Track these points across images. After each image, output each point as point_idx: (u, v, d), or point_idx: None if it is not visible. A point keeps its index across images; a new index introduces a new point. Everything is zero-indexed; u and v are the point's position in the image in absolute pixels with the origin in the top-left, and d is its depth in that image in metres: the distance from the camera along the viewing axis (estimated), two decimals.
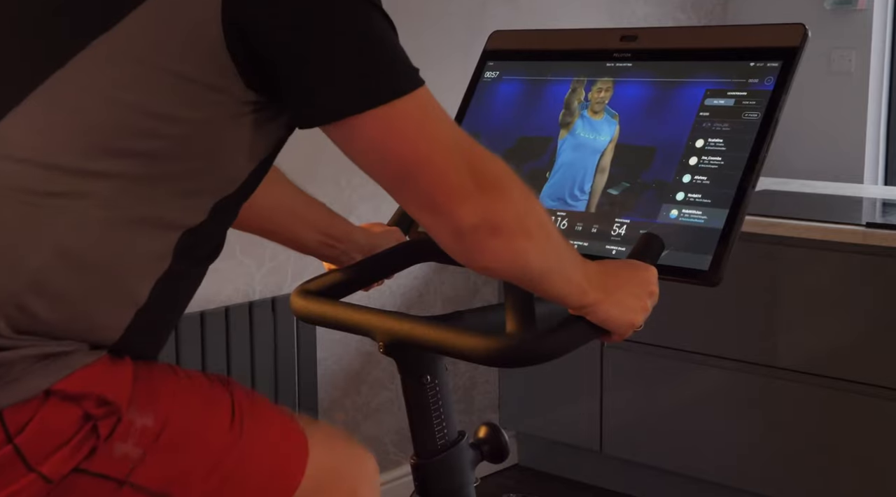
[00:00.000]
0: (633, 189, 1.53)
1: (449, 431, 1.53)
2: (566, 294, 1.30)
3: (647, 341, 3.09)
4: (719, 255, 1.41)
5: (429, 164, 1.15)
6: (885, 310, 2.75)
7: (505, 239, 1.18)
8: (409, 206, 1.21)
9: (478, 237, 1.17)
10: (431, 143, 1.16)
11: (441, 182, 1.16)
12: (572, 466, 3.44)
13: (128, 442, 1.12)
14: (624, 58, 1.62)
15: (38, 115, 1.14)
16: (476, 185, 1.17)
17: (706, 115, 1.51)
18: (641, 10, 3.75)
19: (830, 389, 2.84)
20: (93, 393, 1.11)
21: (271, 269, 2.85)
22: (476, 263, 1.21)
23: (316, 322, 1.56)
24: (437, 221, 1.18)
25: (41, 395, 1.10)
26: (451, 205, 1.16)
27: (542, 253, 1.24)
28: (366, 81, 1.13)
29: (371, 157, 1.17)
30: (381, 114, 1.13)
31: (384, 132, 1.14)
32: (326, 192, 2.98)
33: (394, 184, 1.19)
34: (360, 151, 1.17)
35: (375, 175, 1.19)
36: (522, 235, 1.20)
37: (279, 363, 2.78)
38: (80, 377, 1.12)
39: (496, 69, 1.76)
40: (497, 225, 1.18)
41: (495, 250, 1.19)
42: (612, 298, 1.33)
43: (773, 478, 2.96)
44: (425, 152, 1.15)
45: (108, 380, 1.13)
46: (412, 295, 3.22)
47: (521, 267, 1.23)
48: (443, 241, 1.19)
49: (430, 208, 1.17)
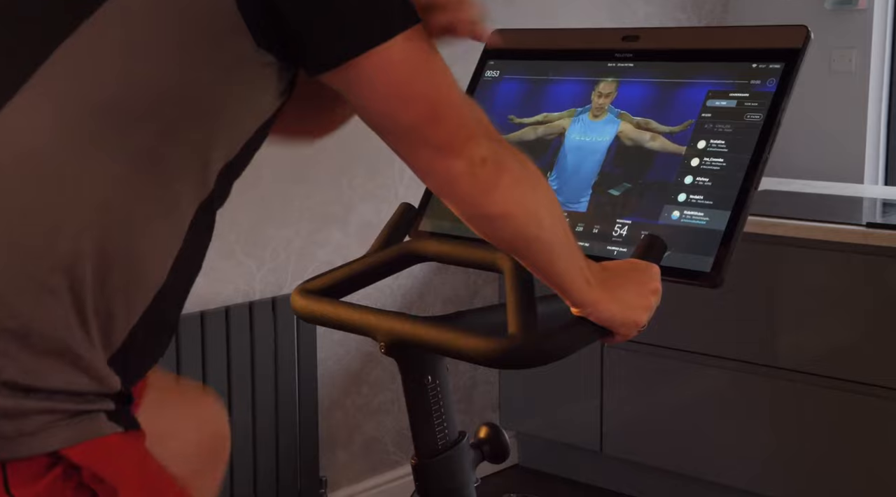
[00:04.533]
0: (635, 190, 1.53)
1: (449, 431, 1.53)
2: (573, 278, 1.30)
3: (647, 341, 3.08)
4: (721, 257, 1.41)
5: (450, 102, 1.19)
6: (885, 310, 2.75)
7: (512, 178, 1.22)
8: (424, 150, 1.20)
9: (491, 170, 1.20)
10: (448, 79, 1.20)
11: (461, 120, 1.19)
12: (572, 466, 3.44)
13: None
14: (625, 58, 1.62)
15: (48, 92, 1.12)
16: (488, 133, 1.22)
17: (708, 116, 1.51)
18: (642, 9, 3.74)
19: (830, 389, 2.84)
20: (96, 473, 1.12)
21: (271, 269, 2.84)
22: (492, 202, 1.22)
23: (317, 322, 1.56)
24: (454, 163, 1.19)
25: (47, 458, 1.10)
26: (470, 142, 1.19)
27: (550, 211, 1.26)
28: (385, 11, 1.15)
29: (395, 102, 1.18)
30: (401, 44, 1.15)
31: (409, 66, 1.16)
32: (326, 192, 2.99)
33: (413, 128, 1.19)
34: (384, 95, 1.17)
35: (393, 122, 1.19)
36: (528, 185, 1.24)
37: (279, 363, 2.78)
38: (89, 449, 1.11)
39: (497, 68, 1.76)
40: (505, 164, 1.22)
41: (506, 187, 1.21)
42: (615, 297, 1.33)
43: (773, 478, 2.96)
44: (445, 90, 1.19)
45: (116, 460, 1.14)
46: (412, 295, 3.22)
47: (534, 214, 1.24)
48: (458, 184, 1.21)
49: (448, 148, 1.19)
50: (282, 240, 2.86)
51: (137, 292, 1.15)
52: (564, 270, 1.29)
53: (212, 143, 1.18)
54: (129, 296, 1.14)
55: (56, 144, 1.11)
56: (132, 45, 1.13)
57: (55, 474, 1.10)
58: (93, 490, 1.11)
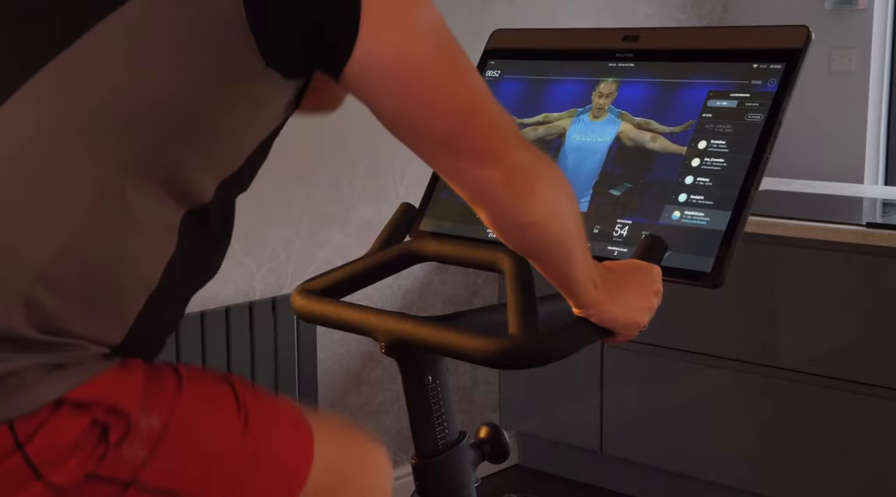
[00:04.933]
0: (635, 190, 1.53)
1: (450, 431, 1.53)
2: (583, 281, 1.30)
3: (647, 341, 3.08)
4: (722, 257, 1.41)
5: (485, 106, 1.19)
6: (885, 310, 2.75)
7: (547, 184, 1.22)
8: (459, 159, 1.20)
9: (528, 177, 1.20)
10: (483, 89, 1.20)
11: (496, 125, 1.20)
12: (572, 466, 3.44)
13: (135, 445, 1.12)
14: (626, 58, 1.62)
15: (44, 96, 1.12)
16: (519, 138, 1.22)
17: (709, 117, 1.51)
18: (642, 9, 3.74)
19: (830, 389, 2.84)
20: (103, 401, 1.10)
21: (271, 269, 2.84)
22: (523, 210, 1.21)
23: (317, 321, 1.56)
24: (492, 172, 1.19)
25: (52, 404, 1.09)
26: (506, 147, 1.19)
27: (574, 214, 1.26)
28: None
29: (440, 105, 1.17)
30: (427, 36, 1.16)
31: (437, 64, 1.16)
32: (326, 192, 2.99)
33: (450, 133, 1.18)
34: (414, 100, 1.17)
35: (430, 128, 1.18)
36: (561, 188, 1.24)
37: (279, 363, 2.78)
38: (92, 386, 1.10)
39: (497, 68, 1.76)
40: (540, 171, 1.22)
41: (542, 192, 1.21)
42: (618, 299, 1.33)
43: (773, 478, 2.96)
44: (479, 95, 1.19)
45: (119, 387, 1.12)
46: (412, 295, 3.22)
47: (559, 217, 1.24)
48: (495, 193, 1.20)
49: (486, 154, 1.19)
50: (282, 240, 2.86)
51: (126, 294, 1.14)
52: (578, 274, 1.30)
53: (208, 155, 1.16)
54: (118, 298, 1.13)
55: (43, 148, 1.11)
56: (136, 53, 1.12)
57: (60, 416, 1.09)
58: (104, 425, 1.11)
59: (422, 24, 1.17)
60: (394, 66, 1.15)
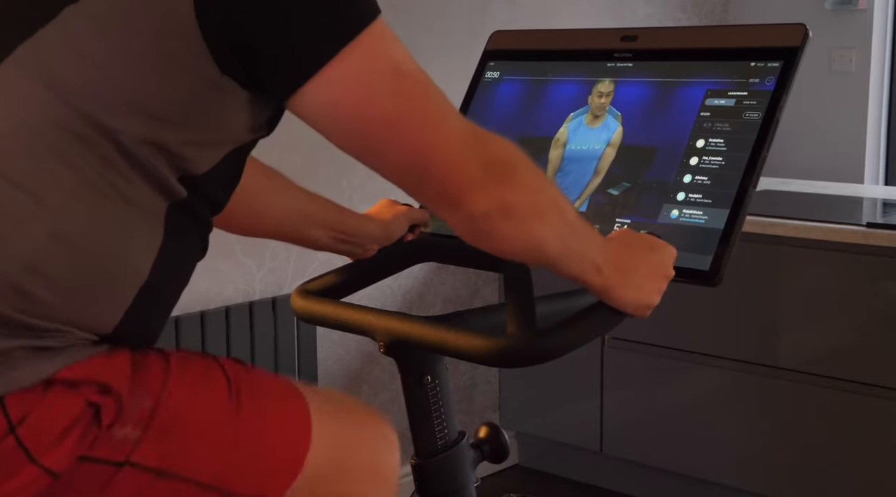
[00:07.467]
0: (634, 189, 1.53)
1: (449, 431, 1.53)
2: (582, 272, 1.30)
3: (647, 341, 3.09)
4: (720, 256, 1.41)
5: (443, 153, 1.14)
6: (885, 310, 2.75)
7: (518, 222, 1.19)
8: (423, 199, 1.21)
9: (491, 223, 1.17)
10: (439, 132, 1.15)
11: (452, 173, 1.15)
12: (572, 466, 3.44)
13: (127, 425, 1.12)
14: (624, 58, 1.62)
15: (12, 86, 1.12)
16: (486, 173, 1.16)
17: (707, 115, 1.51)
18: (642, 9, 3.75)
19: (830, 389, 2.84)
20: (94, 380, 1.11)
21: (271, 269, 2.85)
22: (492, 248, 1.21)
23: (317, 322, 1.56)
24: (451, 212, 1.18)
25: (42, 385, 1.09)
26: (463, 196, 1.16)
27: (557, 233, 1.24)
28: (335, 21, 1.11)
29: (388, 157, 1.15)
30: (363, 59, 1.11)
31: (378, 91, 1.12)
32: (326, 192, 2.96)
33: (402, 182, 1.18)
34: (371, 149, 1.15)
35: (381, 171, 1.18)
36: (536, 218, 1.21)
37: (279, 363, 2.78)
38: (82, 366, 1.11)
39: (497, 69, 1.76)
40: (509, 210, 1.18)
41: (510, 234, 1.19)
42: (630, 283, 1.33)
43: (773, 478, 2.96)
44: (433, 142, 1.14)
45: (109, 368, 1.13)
46: (412, 295, 3.22)
47: (535, 248, 1.23)
48: (457, 229, 1.20)
49: (444, 200, 1.17)
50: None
51: (116, 284, 1.14)
52: (574, 273, 1.30)
53: (176, 153, 1.16)
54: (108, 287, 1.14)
55: (17, 144, 1.11)
56: (104, 47, 1.12)
57: (52, 397, 1.09)
58: (97, 407, 1.11)
59: (381, 67, 1.13)
60: (337, 110, 1.13)
